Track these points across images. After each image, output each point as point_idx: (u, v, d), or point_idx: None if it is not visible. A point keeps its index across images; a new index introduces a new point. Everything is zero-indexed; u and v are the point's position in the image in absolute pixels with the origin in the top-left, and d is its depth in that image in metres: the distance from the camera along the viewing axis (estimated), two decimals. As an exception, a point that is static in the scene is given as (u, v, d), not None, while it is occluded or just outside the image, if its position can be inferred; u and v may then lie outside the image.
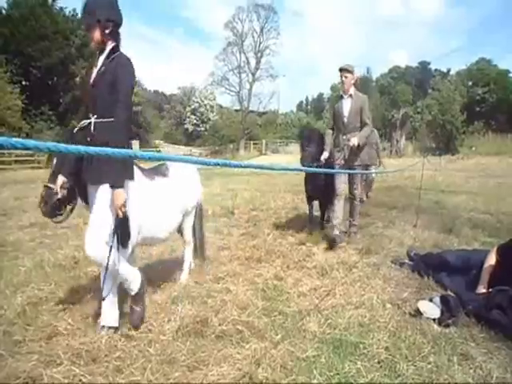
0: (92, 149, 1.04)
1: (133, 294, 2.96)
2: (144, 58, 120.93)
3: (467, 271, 3.65)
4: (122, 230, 2.71)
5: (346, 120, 5.47)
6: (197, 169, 3.90)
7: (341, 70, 5.42)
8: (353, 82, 5.49)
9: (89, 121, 2.72)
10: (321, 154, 5.57)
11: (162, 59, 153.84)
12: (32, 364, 2.39)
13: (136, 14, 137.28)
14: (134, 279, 2.94)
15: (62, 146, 0.91)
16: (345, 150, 5.43)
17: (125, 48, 2.83)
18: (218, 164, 1.49)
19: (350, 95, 5.47)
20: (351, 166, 5.48)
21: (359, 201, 5.79)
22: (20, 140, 0.82)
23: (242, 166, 1.97)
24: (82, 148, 0.99)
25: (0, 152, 23.56)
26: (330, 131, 5.72)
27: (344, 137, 5.47)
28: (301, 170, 3.71)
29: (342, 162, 5.48)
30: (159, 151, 38.31)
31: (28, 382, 2.25)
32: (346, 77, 5.40)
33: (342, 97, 5.59)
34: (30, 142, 0.86)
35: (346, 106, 5.48)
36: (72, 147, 0.94)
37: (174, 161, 2.04)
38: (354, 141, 5.18)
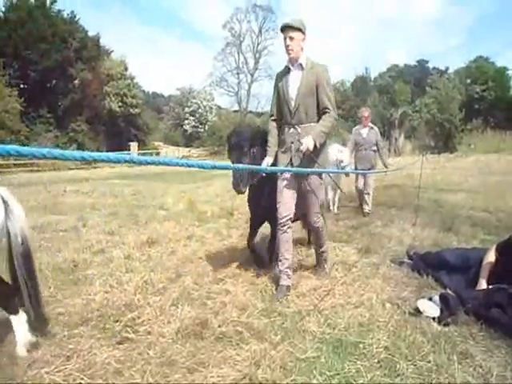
0: (87, 154, 1.04)
1: None
2: (142, 59, 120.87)
3: (466, 270, 3.66)
4: None
5: (292, 104, 3.55)
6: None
7: (283, 28, 3.50)
8: (303, 45, 3.55)
9: None
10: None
11: (160, 60, 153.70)
12: (32, 366, 2.40)
13: (134, 15, 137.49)
14: None
15: (57, 151, 0.91)
16: (292, 152, 3.58)
17: (123, 49, 2.69)
18: (216, 167, 1.49)
19: (300, 65, 3.54)
20: (301, 178, 3.65)
21: (321, 229, 3.94)
22: (15, 147, 0.82)
23: (240, 168, 1.97)
24: (77, 154, 0.99)
25: (-1, 155, 23.56)
26: (273, 124, 3.82)
27: (291, 130, 3.60)
28: (304, 173, 3.61)
29: (288, 172, 3.60)
30: (158, 153, 38.37)
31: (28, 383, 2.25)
32: (291, 38, 3.46)
33: (288, 70, 3.63)
34: (25, 149, 0.86)
35: (294, 82, 3.56)
36: (67, 153, 0.94)
37: (170, 165, 1.80)
38: (308, 143, 3.35)
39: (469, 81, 42.47)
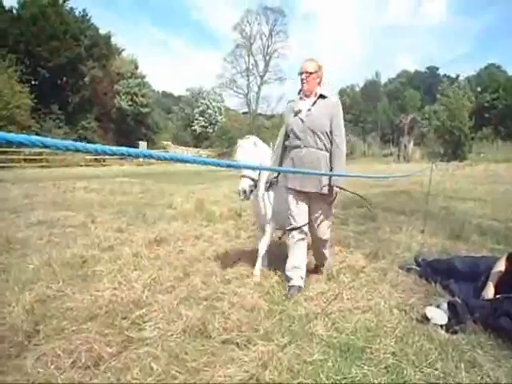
0: (108, 147, 1.05)
1: None
2: (153, 59, 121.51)
3: (475, 278, 3.62)
4: None
5: None
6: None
7: None
8: None
9: None
10: None
11: (171, 60, 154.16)
12: (41, 360, 2.41)
13: (145, 15, 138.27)
14: None
15: (80, 144, 0.92)
16: None
17: (134, 48, 2.73)
18: (231, 165, 1.50)
19: None
20: None
21: None
22: (39, 138, 0.83)
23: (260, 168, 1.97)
24: (98, 147, 1.00)
25: (10, 150, 23.78)
26: None
27: None
28: (302, 173, 3.62)
29: None
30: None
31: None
32: None
33: None
34: (49, 141, 0.87)
35: None
36: (90, 146, 0.95)
37: (186, 162, 1.74)
38: None
39: (479, 89, 42.29)
